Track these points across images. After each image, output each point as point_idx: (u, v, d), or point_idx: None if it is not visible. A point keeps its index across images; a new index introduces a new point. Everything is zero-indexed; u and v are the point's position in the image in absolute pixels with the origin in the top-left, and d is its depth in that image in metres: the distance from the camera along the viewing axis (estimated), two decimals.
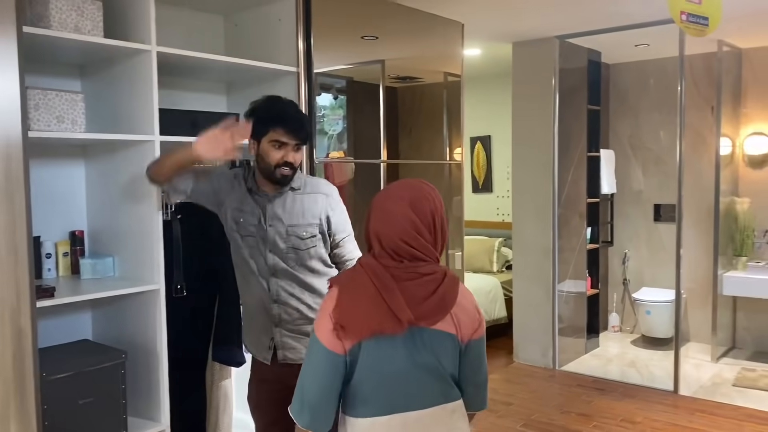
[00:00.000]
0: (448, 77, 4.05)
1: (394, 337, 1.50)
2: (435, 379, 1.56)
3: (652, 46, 5.00)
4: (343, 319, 1.50)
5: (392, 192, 1.61)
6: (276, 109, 2.19)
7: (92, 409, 2.20)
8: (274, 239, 2.18)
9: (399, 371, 1.53)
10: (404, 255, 1.55)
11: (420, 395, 1.55)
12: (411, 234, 1.54)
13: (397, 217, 1.55)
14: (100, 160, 2.57)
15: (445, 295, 1.54)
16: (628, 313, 5.84)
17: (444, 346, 1.55)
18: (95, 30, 2.23)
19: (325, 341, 1.51)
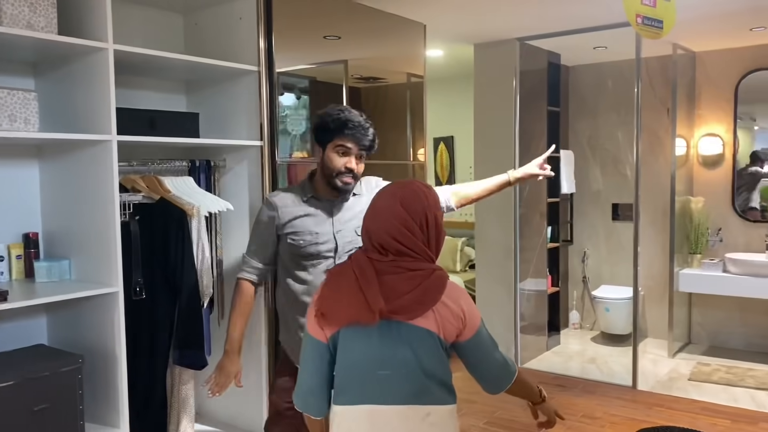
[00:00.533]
0: (411, 78, 4.07)
1: (370, 328, 1.54)
2: (409, 377, 1.56)
3: (609, 48, 5.10)
4: (324, 307, 1.58)
5: (386, 190, 1.68)
6: (344, 115, 2.23)
7: (48, 416, 2.15)
8: (344, 242, 2.27)
9: (372, 363, 1.55)
10: (390, 249, 1.58)
11: (391, 391, 1.56)
12: (399, 229, 1.58)
13: (386, 213, 1.60)
14: (55, 160, 2.50)
15: (426, 291, 1.56)
16: (587, 310, 5.95)
17: (423, 342, 1.56)
18: (49, 27, 2.18)
19: (310, 329, 1.62)
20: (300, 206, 2.30)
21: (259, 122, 2.82)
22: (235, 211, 2.84)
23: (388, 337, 1.55)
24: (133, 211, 2.49)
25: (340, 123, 2.22)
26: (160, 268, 2.54)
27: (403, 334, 1.55)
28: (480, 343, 1.65)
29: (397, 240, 1.58)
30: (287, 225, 2.28)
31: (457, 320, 1.59)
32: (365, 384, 1.57)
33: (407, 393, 1.56)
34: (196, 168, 2.85)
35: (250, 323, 2.86)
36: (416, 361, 1.56)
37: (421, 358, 1.56)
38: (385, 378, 1.56)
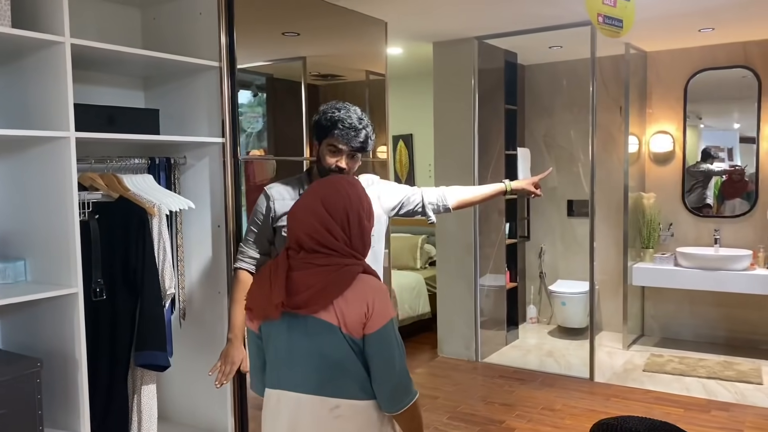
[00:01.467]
0: (371, 75, 4.07)
1: (280, 321, 1.63)
2: (316, 368, 1.62)
3: (564, 48, 5.20)
4: (249, 302, 1.72)
5: (310, 188, 1.73)
6: (337, 115, 2.25)
7: (5, 422, 2.07)
8: None
9: (284, 352, 1.66)
10: (305, 246, 1.64)
11: (300, 379, 1.64)
12: (316, 228, 1.62)
13: (306, 212, 1.66)
14: (8, 157, 2.41)
15: (328, 285, 1.59)
16: (544, 305, 6.06)
17: (326, 335, 1.60)
18: (2, 19, 2.10)
19: (246, 321, 1.78)
20: (295, 199, 2.28)
21: (221, 119, 2.78)
22: (196, 210, 2.79)
23: (295, 329, 1.63)
24: (92, 209, 2.43)
25: (331, 123, 2.24)
26: (120, 268, 2.48)
27: (309, 326, 1.61)
28: (383, 341, 1.61)
29: (314, 238, 1.63)
30: (282, 217, 2.30)
31: (360, 314, 1.59)
32: (282, 371, 1.67)
33: (315, 383, 1.63)
34: (156, 166, 2.79)
35: (215, 322, 2.83)
36: (320, 353, 1.61)
37: (324, 351, 1.61)
38: (295, 367, 1.64)
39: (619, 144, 5.32)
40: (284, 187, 2.37)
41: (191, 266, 2.88)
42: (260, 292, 1.66)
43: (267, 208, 2.34)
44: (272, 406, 1.71)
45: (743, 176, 5.14)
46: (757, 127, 5.04)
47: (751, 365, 4.73)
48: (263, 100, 3.37)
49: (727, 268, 4.84)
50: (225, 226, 2.80)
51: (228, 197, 2.80)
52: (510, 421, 3.83)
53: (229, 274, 2.78)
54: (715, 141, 5.39)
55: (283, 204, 2.32)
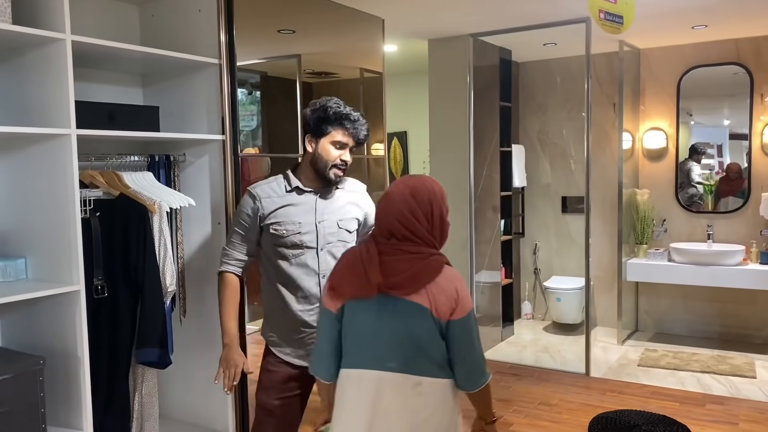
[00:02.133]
0: (366, 72, 4.07)
1: (369, 301, 1.74)
2: (402, 347, 1.73)
3: (559, 45, 5.22)
4: (333, 281, 1.82)
5: (398, 181, 1.85)
6: (343, 110, 2.28)
7: (8, 420, 2.07)
8: (325, 233, 2.31)
9: (369, 332, 1.75)
10: (396, 234, 1.76)
11: (385, 358, 1.74)
12: (405, 215, 1.76)
13: (397, 200, 1.78)
14: (8, 155, 2.40)
15: (421, 271, 1.73)
16: (539, 301, 6.09)
17: (416, 317, 1.72)
18: (3, 16, 2.09)
19: (324, 301, 1.85)
20: (283, 197, 2.31)
21: (221, 116, 2.78)
22: (196, 207, 2.79)
23: (385, 310, 1.74)
24: (93, 207, 2.42)
25: (340, 116, 2.26)
26: (121, 265, 2.48)
27: (399, 308, 1.73)
28: (467, 328, 1.76)
29: (403, 224, 1.76)
30: (271, 215, 2.29)
31: (450, 300, 1.73)
32: (364, 350, 1.76)
33: (400, 362, 1.73)
34: (156, 163, 2.79)
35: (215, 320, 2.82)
36: (408, 333, 1.72)
37: (413, 331, 1.72)
38: (381, 347, 1.74)
39: (613, 140, 5.36)
40: (268, 186, 2.34)
41: (192, 263, 2.88)
42: (350, 273, 1.77)
43: (254, 208, 2.30)
44: (353, 385, 1.78)
45: (740, 174, 5.17)
46: (749, 123, 5.08)
47: (745, 359, 4.78)
48: (257, 99, 3.37)
49: (720, 263, 4.89)
50: (225, 223, 2.80)
51: (228, 194, 2.80)
52: (507, 417, 3.85)
53: None
54: (705, 137, 5.44)
55: (270, 202, 2.30)
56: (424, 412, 1.74)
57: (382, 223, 1.79)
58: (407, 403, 1.73)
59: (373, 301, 1.73)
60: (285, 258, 2.29)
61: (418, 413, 1.74)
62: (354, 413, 1.77)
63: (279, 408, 2.33)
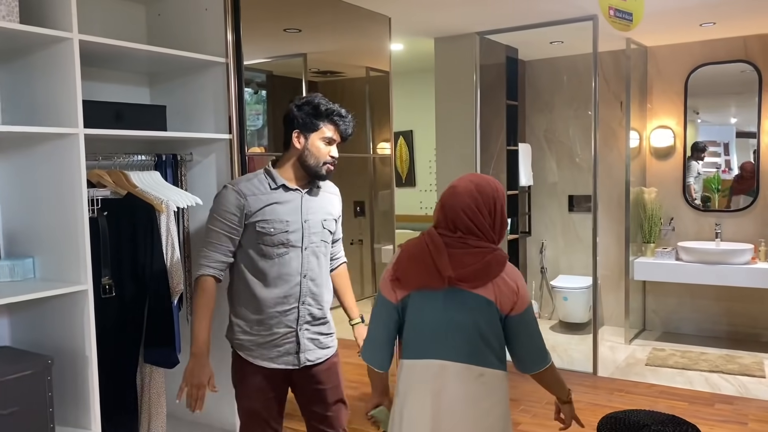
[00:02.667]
0: (372, 71, 4.07)
1: (436, 292, 1.78)
2: (467, 339, 1.79)
3: (565, 43, 5.20)
4: (399, 272, 1.82)
5: (464, 176, 1.90)
6: (332, 106, 2.29)
7: (17, 420, 2.07)
8: (310, 232, 2.30)
9: (435, 323, 1.79)
10: (460, 226, 1.81)
11: (450, 349, 1.79)
12: (471, 208, 1.81)
13: (464, 193, 1.83)
14: (13, 155, 2.40)
15: (488, 265, 1.78)
16: (546, 300, 6.07)
17: (482, 309, 1.78)
18: (11, 15, 2.09)
19: (384, 291, 1.86)
20: (268, 194, 2.27)
21: (228, 115, 2.77)
22: (203, 207, 2.78)
23: (452, 302, 1.78)
24: (100, 206, 2.42)
25: (331, 112, 2.26)
26: (129, 264, 2.47)
27: (465, 300, 1.78)
28: (527, 321, 1.84)
29: (469, 218, 1.80)
30: (257, 213, 2.24)
31: (513, 294, 1.80)
32: (430, 341, 1.80)
33: (465, 353, 1.79)
34: (163, 162, 2.79)
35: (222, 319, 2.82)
36: (474, 325, 1.78)
37: (478, 323, 1.78)
38: (447, 337, 1.79)
39: (620, 139, 5.33)
40: (250, 183, 2.28)
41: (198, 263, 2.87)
42: (418, 265, 1.79)
43: (240, 205, 2.23)
44: (418, 375, 1.82)
45: (753, 173, 5.13)
46: (758, 121, 5.05)
47: (753, 359, 4.75)
48: (263, 98, 3.37)
49: (728, 262, 4.86)
50: None
51: None
52: (514, 416, 3.84)
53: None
54: (711, 136, 5.40)
55: (256, 200, 2.24)
56: (487, 401, 1.81)
57: (448, 215, 1.83)
58: (471, 392, 1.79)
59: (439, 292, 1.78)
60: (267, 256, 2.24)
61: (482, 402, 1.80)
62: (420, 402, 1.80)
63: (264, 409, 2.32)
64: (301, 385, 2.38)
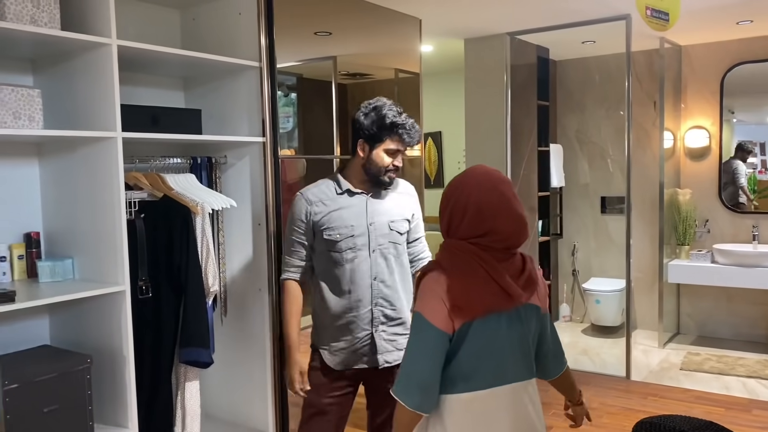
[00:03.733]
0: (401, 73, 4.07)
1: (500, 314, 1.59)
2: (524, 354, 1.65)
3: (598, 43, 5.15)
4: (460, 300, 1.55)
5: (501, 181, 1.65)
6: (395, 119, 2.27)
7: (58, 417, 2.12)
8: (376, 235, 2.31)
9: (501, 346, 1.61)
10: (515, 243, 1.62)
11: (514, 369, 1.63)
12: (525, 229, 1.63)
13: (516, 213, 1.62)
14: (56, 158, 2.46)
15: (531, 271, 1.66)
16: (577, 303, 6.01)
17: (532, 318, 1.66)
18: (52, 22, 2.14)
19: (437, 323, 1.55)
20: (334, 199, 2.32)
21: (261, 118, 2.80)
22: (237, 208, 2.82)
23: (513, 318, 1.61)
24: (139, 208, 2.46)
25: (396, 126, 2.27)
26: (165, 266, 2.51)
27: (522, 313, 1.63)
28: (549, 319, 1.76)
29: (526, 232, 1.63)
30: (323, 220, 2.30)
31: (545, 293, 1.71)
32: (493, 367, 1.60)
33: (524, 370, 1.66)
34: (198, 165, 2.83)
35: (256, 319, 2.85)
36: (530, 336, 1.66)
37: (532, 334, 1.67)
38: (510, 359, 1.62)
39: (654, 139, 5.25)
40: (318, 189, 2.36)
41: (232, 264, 2.91)
42: (478, 289, 1.57)
43: (308, 212, 2.32)
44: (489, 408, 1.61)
45: None
46: None
47: None
48: (293, 101, 3.39)
49: (766, 265, 4.75)
50: (265, 224, 2.82)
51: (268, 196, 2.82)
52: (546, 420, 3.78)
53: (270, 271, 2.80)
54: (747, 135, 5.29)
55: (323, 206, 2.31)
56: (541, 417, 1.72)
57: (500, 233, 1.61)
58: (539, 407, 1.70)
59: (502, 313, 1.59)
60: (338, 262, 2.30)
61: (541, 419, 1.71)
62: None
63: (330, 406, 2.34)
64: (376, 384, 2.40)
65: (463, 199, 1.62)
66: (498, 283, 1.57)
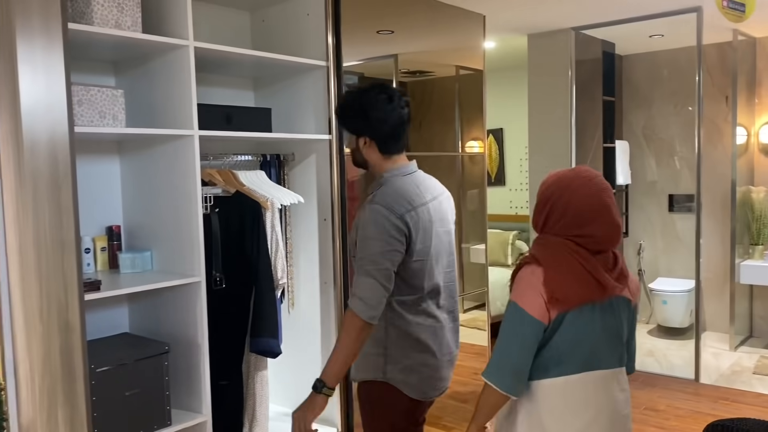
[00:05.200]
0: (462, 69, 4.07)
1: (594, 305, 1.69)
2: (615, 344, 1.74)
3: (666, 36, 5.01)
4: (557, 292, 1.65)
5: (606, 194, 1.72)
6: None
7: (138, 401, 2.23)
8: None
9: (593, 334, 1.70)
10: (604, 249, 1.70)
11: (605, 357, 1.72)
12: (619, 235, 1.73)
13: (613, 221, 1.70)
14: (135, 155, 2.59)
15: (623, 266, 1.75)
16: (643, 303, 5.86)
17: (625, 311, 1.75)
18: (135, 26, 2.25)
19: (534, 313, 1.66)
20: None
21: (328, 116, 2.86)
22: (303, 204, 2.90)
23: (605, 309, 1.71)
24: (213, 203, 2.56)
25: None
26: (236, 258, 2.61)
27: (614, 305, 1.72)
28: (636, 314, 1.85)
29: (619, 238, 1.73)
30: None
31: (638, 288, 1.82)
32: (586, 354, 1.69)
33: (615, 358, 1.75)
34: (267, 162, 2.92)
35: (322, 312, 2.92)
36: (621, 328, 1.75)
37: (624, 325, 1.76)
38: (602, 346, 1.71)
39: (725, 135, 5.08)
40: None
41: (299, 258, 2.99)
42: (574, 281, 1.66)
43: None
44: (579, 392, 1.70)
45: None
46: None
47: None
48: None
49: None
50: (331, 219, 2.88)
51: (334, 192, 2.88)
52: None
53: (336, 266, 2.87)
54: None
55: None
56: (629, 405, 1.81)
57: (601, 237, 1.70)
58: (628, 394, 1.80)
59: (595, 305, 1.69)
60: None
61: (628, 407, 1.80)
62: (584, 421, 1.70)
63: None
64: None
65: (564, 200, 1.70)
66: (593, 275, 1.65)
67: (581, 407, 1.70)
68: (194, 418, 2.41)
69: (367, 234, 1.91)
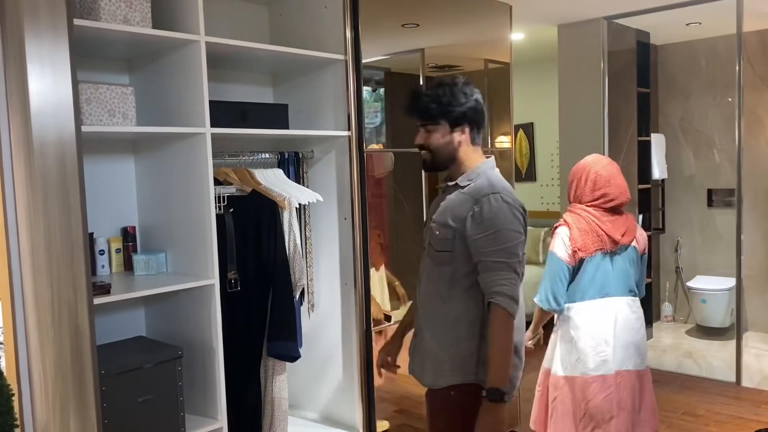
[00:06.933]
0: (490, 63, 3.94)
1: (605, 252, 2.48)
2: (625, 279, 2.52)
3: (704, 24, 4.80)
4: (578, 245, 2.46)
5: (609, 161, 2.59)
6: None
7: (151, 407, 2.18)
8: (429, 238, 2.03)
9: (605, 272, 2.49)
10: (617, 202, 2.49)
11: (617, 288, 2.51)
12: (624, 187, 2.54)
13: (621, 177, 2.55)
14: (149, 154, 2.53)
15: (632, 224, 2.56)
16: (681, 302, 5.66)
17: (632, 255, 2.54)
18: (144, 22, 2.19)
19: (564, 258, 2.47)
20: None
21: (347, 112, 2.78)
22: (323, 202, 2.82)
23: (616, 255, 2.50)
24: (227, 203, 2.49)
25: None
26: (253, 260, 2.54)
27: (623, 251, 2.51)
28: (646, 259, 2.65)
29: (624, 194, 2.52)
30: None
31: (644, 240, 2.60)
32: (602, 285, 2.48)
33: (625, 289, 2.52)
34: (285, 160, 2.84)
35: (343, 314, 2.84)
36: (629, 268, 2.53)
37: (631, 266, 2.53)
38: (614, 280, 2.49)
39: (767, 127, 4.85)
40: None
41: (319, 258, 2.91)
42: (591, 236, 2.45)
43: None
44: (597, 310, 2.48)
45: None
46: None
47: None
48: (381, 95, 3.34)
49: None
50: (351, 218, 2.80)
51: (354, 190, 2.79)
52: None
53: (356, 266, 2.78)
54: None
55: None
56: (640, 320, 2.56)
57: (611, 192, 2.48)
58: (633, 315, 2.53)
59: (607, 251, 2.48)
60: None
61: (639, 321, 2.56)
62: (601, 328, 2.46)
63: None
64: None
65: (585, 172, 2.55)
66: (605, 232, 2.46)
67: (600, 320, 2.47)
68: (209, 425, 2.35)
69: (499, 225, 1.87)
